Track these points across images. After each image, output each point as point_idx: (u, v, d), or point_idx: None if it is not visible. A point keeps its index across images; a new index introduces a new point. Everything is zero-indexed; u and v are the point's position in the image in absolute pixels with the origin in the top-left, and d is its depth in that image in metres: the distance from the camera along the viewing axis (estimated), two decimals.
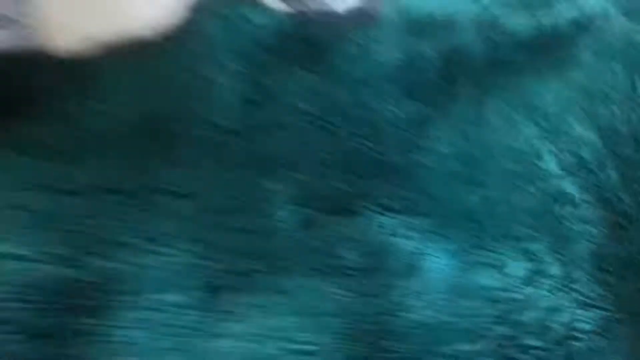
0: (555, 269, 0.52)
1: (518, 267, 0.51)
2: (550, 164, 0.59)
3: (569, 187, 0.57)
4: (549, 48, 0.69)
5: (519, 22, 0.70)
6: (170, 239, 0.47)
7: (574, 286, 0.51)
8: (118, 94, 0.52)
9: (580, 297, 0.51)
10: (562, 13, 0.72)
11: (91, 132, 0.49)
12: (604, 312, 0.50)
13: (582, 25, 0.71)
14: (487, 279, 0.50)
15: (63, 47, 0.51)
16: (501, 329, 0.48)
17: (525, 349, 0.48)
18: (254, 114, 0.57)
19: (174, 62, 0.57)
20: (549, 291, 0.51)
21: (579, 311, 0.50)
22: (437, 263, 0.52)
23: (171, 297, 0.46)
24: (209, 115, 0.55)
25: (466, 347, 0.48)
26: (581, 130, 0.62)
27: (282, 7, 0.65)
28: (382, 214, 0.55)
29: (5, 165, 0.45)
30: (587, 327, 0.49)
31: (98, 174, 0.47)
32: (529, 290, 0.50)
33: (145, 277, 0.46)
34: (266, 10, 0.64)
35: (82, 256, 0.44)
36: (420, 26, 0.66)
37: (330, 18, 0.65)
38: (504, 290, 0.50)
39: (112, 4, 0.54)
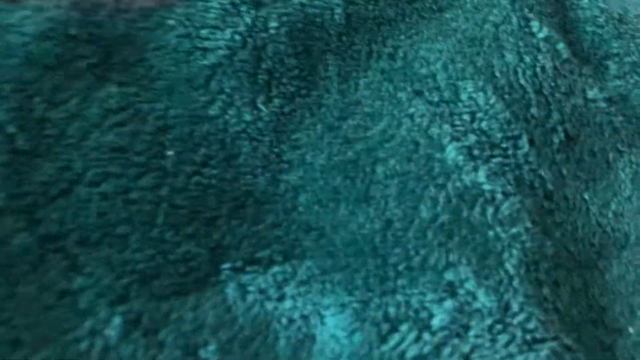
0: (487, 302, 0.40)
1: (445, 314, 0.39)
2: (452, 153, 0.46)
3: (482, 179, 0.45)
4: None
5: None
6: None
7: (512, 320, 0.40)
8: None
9: (522, 334, 0.39)
10: None
11: None
12: (551, 344, 0.39)
13: None
14: (408, 345, 0.37)
15: None
16: None
17: None
18: (28, 171, 0.38)
19: None
20: (483, 337, 0.39)
21: (523, 357, 0.38)
22: (335, 333, 0.38)
23: None
24: None
25: None
26: (478, 95, 0.50)
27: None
28: (248, 273, 0.40)
29: None
30: None
31: None
32: (463, 345, 0.38)
33: None
34: (32, 7, 0.44)
35: None
36: None
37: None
38: (433, 356, 0.37)
39: None
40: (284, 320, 0.39)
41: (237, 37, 0.47)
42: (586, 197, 0.49)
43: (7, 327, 0.34)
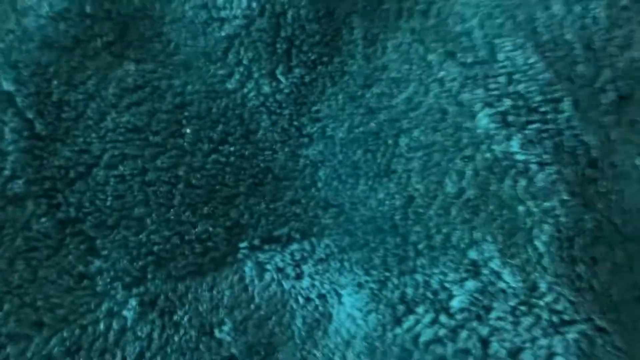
0: (512, 282, 0.38)
1: (465, 295, 0.37)
2: (484, 121, 0.43)
3: (516, 148, 0.42)
4: None
5: None
6: None
7: (539, 301, 0.37)
8: None
9: (549, 315, 0.37)
10: None
11: None
12: (583, 326, 0.37)
13: None
14: (423, 328, 0.36)
15: None
16: None
17: None
18: (46, 156, 0.39)
19: None
20: (505, 319, 0.37)
21: (547, 341, 0.36)
22: (352, 313, 0.37)
23: None
24: None
25: None
26: (517, 53, 0.46)
27: None
28: (266, 251, 0.40)
29: None
30: None
31: None
32: (481, 328, 0.36)
33: None
34: None
35: None
36: None
37: None
38: (448, 340, 0.36)
39: None
40: (301, 299, 0.38)
41: (254, 4, 0.45)
42: (638, 162, 0.45)
43: (30, 309, 0.35)
